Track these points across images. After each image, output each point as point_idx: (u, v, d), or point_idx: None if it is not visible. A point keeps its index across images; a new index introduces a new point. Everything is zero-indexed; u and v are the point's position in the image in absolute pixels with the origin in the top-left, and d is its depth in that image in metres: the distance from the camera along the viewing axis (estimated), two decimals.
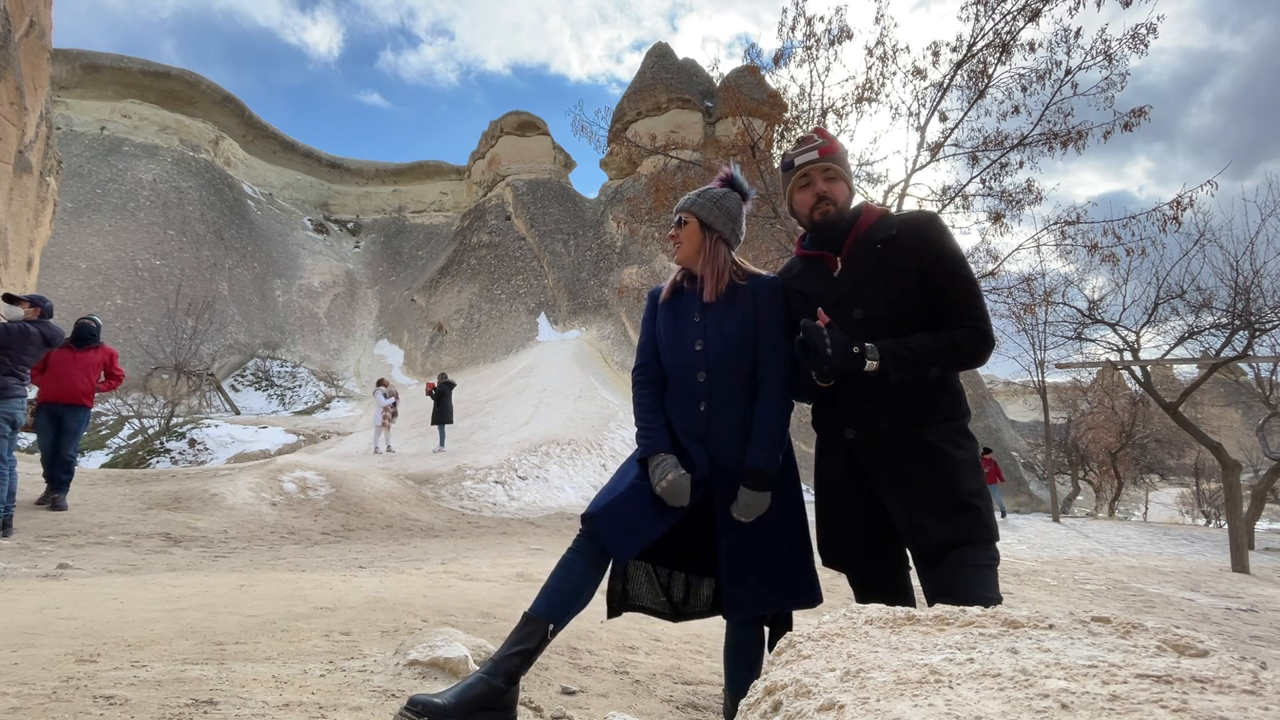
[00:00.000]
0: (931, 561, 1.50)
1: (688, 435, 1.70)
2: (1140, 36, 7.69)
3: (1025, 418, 37.07)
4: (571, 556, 1.59)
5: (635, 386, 1.83)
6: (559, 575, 1.57)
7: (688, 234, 1.79)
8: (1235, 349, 9.36)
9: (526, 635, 1.50)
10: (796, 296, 1.76)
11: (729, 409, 1.70)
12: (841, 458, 1.68)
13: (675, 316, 1.79)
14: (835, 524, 1.71)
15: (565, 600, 1.55)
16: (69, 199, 24.90)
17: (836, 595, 4.86)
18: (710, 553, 1.78)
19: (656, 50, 32.94)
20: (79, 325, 5.91)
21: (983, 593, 1.43)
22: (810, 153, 1.73)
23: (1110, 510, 21.94)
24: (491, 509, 9.40)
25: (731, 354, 1.70)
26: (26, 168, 5.91)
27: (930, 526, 1.49)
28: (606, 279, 27.50)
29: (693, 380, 1.72)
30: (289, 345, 28.93)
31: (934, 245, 1.63)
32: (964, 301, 1.59)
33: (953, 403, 1.62)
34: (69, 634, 1.97)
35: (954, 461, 1.54)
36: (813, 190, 1.72)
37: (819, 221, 1.71)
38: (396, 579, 3.60)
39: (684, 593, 1.84)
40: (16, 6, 5.52)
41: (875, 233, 1.68)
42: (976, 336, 1.56)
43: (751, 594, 1.64)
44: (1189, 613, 5.19)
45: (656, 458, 1.65)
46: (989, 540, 1.50)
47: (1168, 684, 0.57)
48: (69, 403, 5.73)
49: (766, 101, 10.15)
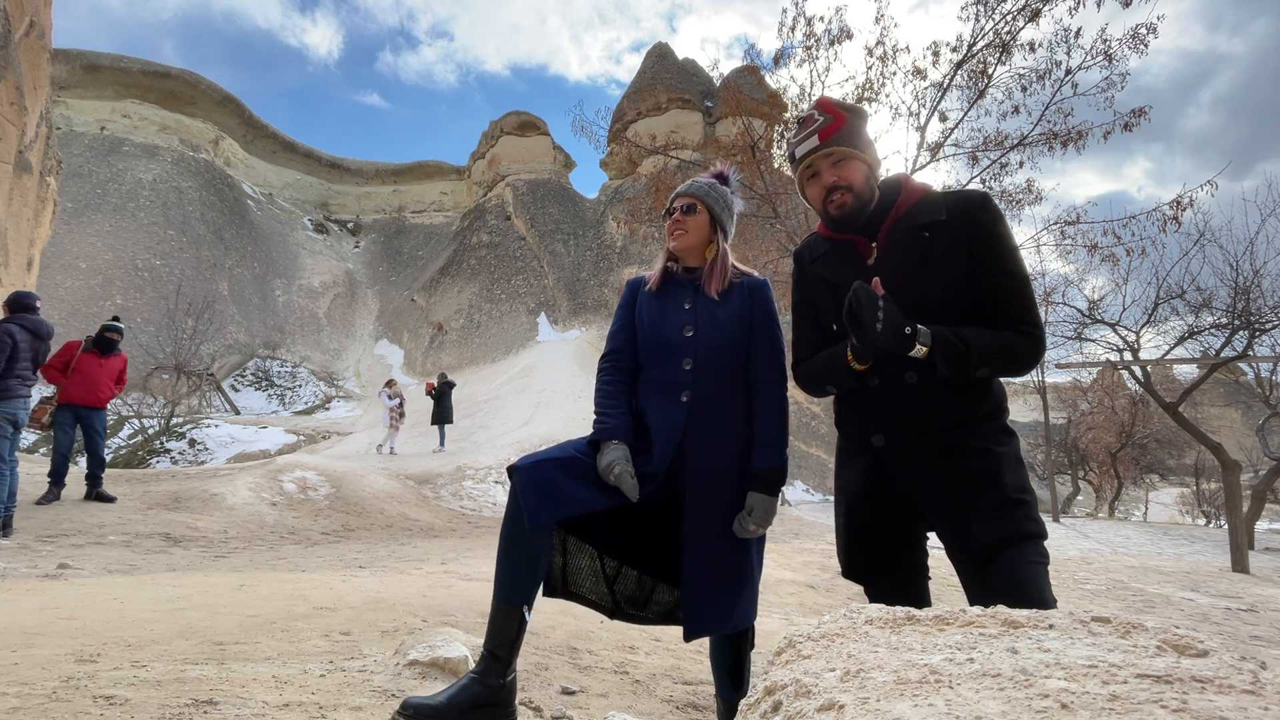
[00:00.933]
0: (982, 563, 1.37)
1: (659, 428, 1.57)
2: (1140, 36, 7.69)
3: (1025, 418, 37.02)
4: (506, 527, 1.49)
5: (601, 374, 1.70)
6: (503, 552, 1.49)
7: (697, 224, 1.70)
8: (1235, 349, 9.35)
9: (503, 625, 1.47)
10: (820, 285, 1.58)
11: (713, 404, 1.59)
12: (868, 465, 1.53)
13: (661, 302, 1.69)
14: (862, 536, 1.56)
15: (521, 578, 1.47)
16: (69, 199, 24.89)
17: (836, 595, 4.86)
18: (667, 556, 1.66)
19: (656, 50, 32.93)
20: (104, 336, 6.27)
21: (1039, 593, 1.31)
22: (810, 139, 1.54)
23: (1110, 510, 21.93)
24: (491, 509, 9.39)
25: (723, 345, 1.61)
26: (26, 168, 5.91)
27: (978, 527, 1.37)
28: (606, 279, 27.50)
29: (676, 369, 1.61)
30: (289, 345, 28.91)
31: (987, 233, 1.45)
32: (1016, 303, 1.42)
33: (995, 406, 1.47)
34: (69, 634, 1.97)
35: (996, 458, 1.41)
36: (820, 182, 1.54)
37: (836, 216, 1.54)
38: (396, 579, 3.60)
39: (634, 591, 1.70)
40: (16, 6, 5.52)
41: (920, 215, 1.48)
42: (1031, 343, 1.41)
43: (713, 614, 1.52)
44: (1189, 613, 5.19)
45: (610, 444, 1.53)
46: (1040, 536, 1.38)
47: (1168, 684, 0.57)
48: (93, 405, 6.11)
49: (766, 101, 10.14)
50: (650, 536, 1.68)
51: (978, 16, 8.27)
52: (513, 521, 1.48)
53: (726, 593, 1.53)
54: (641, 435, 1.60)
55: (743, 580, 1.55)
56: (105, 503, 6.28)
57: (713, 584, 1.52)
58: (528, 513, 1.43)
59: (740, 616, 1.55)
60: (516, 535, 1.47)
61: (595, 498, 1.48)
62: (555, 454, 1.52)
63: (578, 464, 1.51)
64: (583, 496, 1.47)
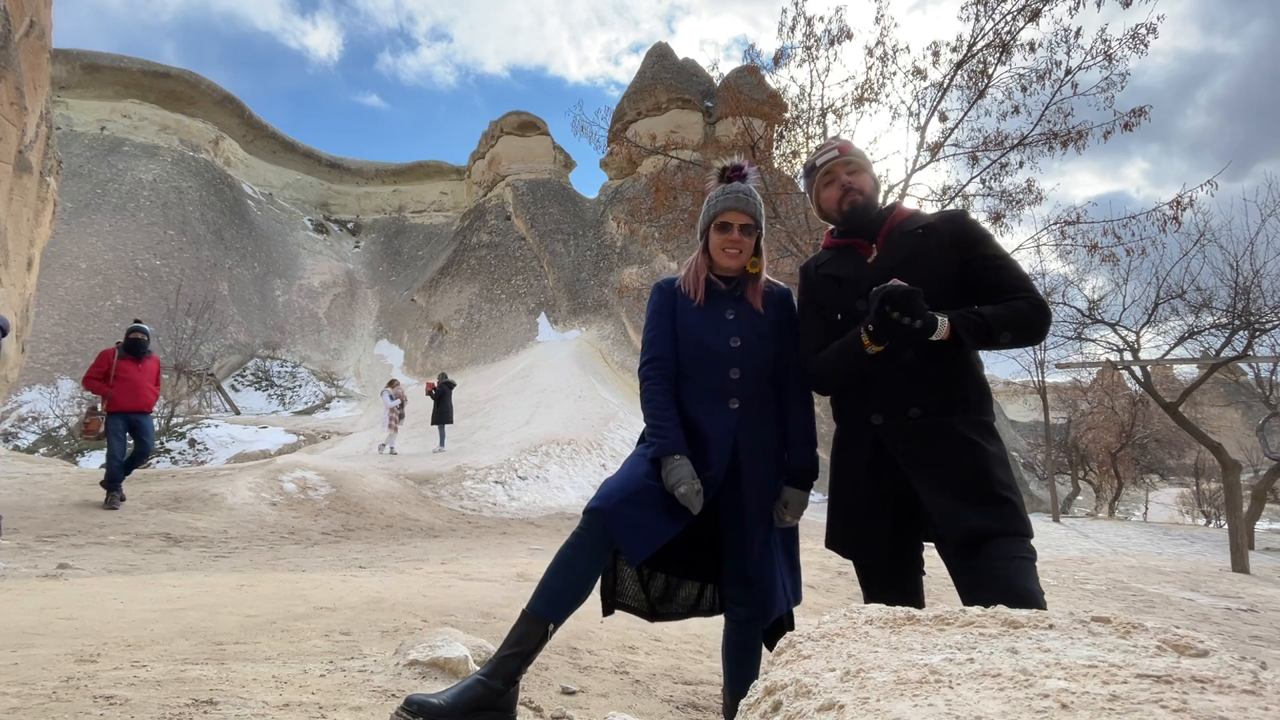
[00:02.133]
0: (967, 554, 1.44)
1: (713, 434, 1.65)
2: (1140, 36, 7.69)
3: (1025, 418, 37.06)
4: (571, 553, 1.53)
5: (647, 382, 1.74)
6: (558, 572, 1.52)
7: (751, 243, 1.77)
8: (1235, 349, 9.36)
9: (525, 635, 1.48)
10: (827, 281, 1.75)
11: (760, 408, 1.70)
12: (868, 446, 1.63)
13: (704, 311, 1.75)
14: (856, 516, 1.67)
15: (565, 598, 1.51)
16: (69, 199, 24.88)
17: (836, 595, 4.86)
18: (698, 555, 1.76)
19: (656, 50, 32.92)
20: (133, 340, 6.40)
21: (1024, 585, 1.36)
22: (830, 153, 1.79)
23: (1110, 510, 21.93)
24: (491, 509, 9.39)
25: (764, 355, 1.72)
26: (26, 168, 5.91)
27: (965, 516, 1.44)
28: (606, 279, 27.49)
29: (724, 377, 1.69)
30: (289, 345, 28.91)
31: (974, 232, 1.66)
32: (1010, 278, 1.58)
33: (980, 395, 1.60)
34: (69, 634, 1.97)
35: (986, 454, 1.50)
36: (838, 184, 1.76)
37: (848, 211, 1.73)
38: (396, 579, 3.60)
39: (662, 592, 1.80)
40: (16, 6, 5.52)
41: (913, 222, 1.70)
42: (1036, 304, 1.54)
43: (783, 594, 1.65)
44: (1189, 613, 5.19)
45: (672, 460, 1.59)
46: (1025, 534, 1.45)
47: (1168, 684, 0.57)
48: (141, 410, 6.28)
49: (766, 101, 10.15)
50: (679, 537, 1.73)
51: (978, 16, 8.27)
52: (582, 550, 1.53)
53: (789, 575, 1.71)
54: (692, 440, 1.67)
55: (793, 563, 1.74)
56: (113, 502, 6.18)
57: (774, 568, 1.66)
58: (628, 555, 1.52)
59: (796, 593, 1.72)
60: (580, 563, 1.53)
61: (674, 525, 1.58)
62: (630, 487, 1.58)
63: (651, 493, 1.58)
64: (665, 528, 1.56)
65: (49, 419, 18.98)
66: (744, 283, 1.78)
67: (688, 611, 1.81)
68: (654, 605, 1.79)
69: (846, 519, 1.69)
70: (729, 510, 1.70)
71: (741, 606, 1.67)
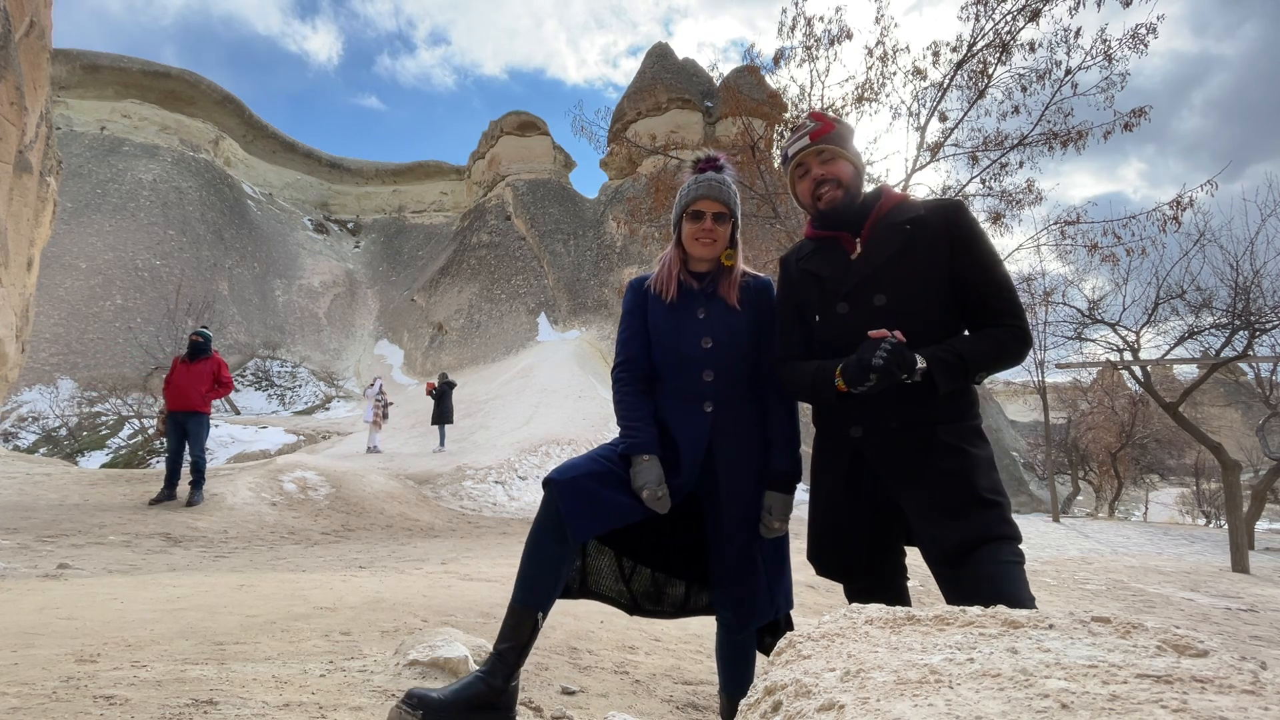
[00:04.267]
0: (954, 563, 1.39)
1: (686, 440, 1.60)
2: (1140, 36, 7.69)
3: (1025, 418, 37.10)
4: (537, 533, 1.50)
5: (619, 384, 1.69)
6: (530, 557, 1.49)
7: (725, 231, 1.67)
8: (1235, 349, 9.35)
9: (515, 628, 1.47)
10: (808, 279, 1.64)
11: (735, 411, 1.63)
12: (846, 458, 1.57)
13: (674, 311, 1.67)
14: (836, 531, 1.60)
15: (544, 584, 1.48)
16: (69, 199, 24.88)
17: (836, 595, 4.86)
18: (685, 555, 1.72)
19: (656, 50, 32.92)
20: (191, 342, 6.75)
21: (1013, 590, 1.32)
22: (802, 140, 1.64)
23: (1110, 510, 21.92)
24: (491, 509, 9.39)
25: (740, 354, 1.64)
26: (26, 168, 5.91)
27: (950, 525, 1.39)
28: (606, 279, 27.49)
29: (697, 380, 1.62)
30: (289, 345, 28.91)
31: (967, 232, 1.53)
32: (1000, 297, 1.50)
33: (969, 404, 1.52)
34: (69, 634, 1.97)
35: (971, 459, 1.44)
36: (810, 177, 1.63)
37: (824, 210, 1.61)
38: (396, 579, 3.60)
39: (648, 588, 1.75)
40: (16, 6, 5.52)
41: (901, 213, 1.57)
42: (1019, 336, 1.48)
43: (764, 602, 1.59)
44: (1189, 613, 5.19)
45: (641, 460, 1.54)
46: (1013, 539, 1.40)
47: (1168, 684, 0.57)
48: (188, 410, 6.55)
49: (766, 101, 10.14)
50: (667, 535, 1.71)
51: (978, 16, 8.26)
52: (544, 529, 1.48)
53: (769, 582, 1.61)
54: (666, 443, 1.62)
55: (779, 569, 1.64)
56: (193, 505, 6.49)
57: (756, 576, 1.59)
58: (571, 528, 1.44)
59: (783, 602, 1.64)
60: (546, 543, 1.48)
61: (632, 510, 1.51)
62: (590, 466, 1.53)
63: (612, 475, 1.53)
64: (621, 510, 1.50)
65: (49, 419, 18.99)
66: (718, 277, 1.69)
67: (677, 611, 1.76)
68: (637, 599, 1.73)
69: (826, 539, 1.64)
70: (708, 517, 1.64)
71: (726, 611, 1.63)
